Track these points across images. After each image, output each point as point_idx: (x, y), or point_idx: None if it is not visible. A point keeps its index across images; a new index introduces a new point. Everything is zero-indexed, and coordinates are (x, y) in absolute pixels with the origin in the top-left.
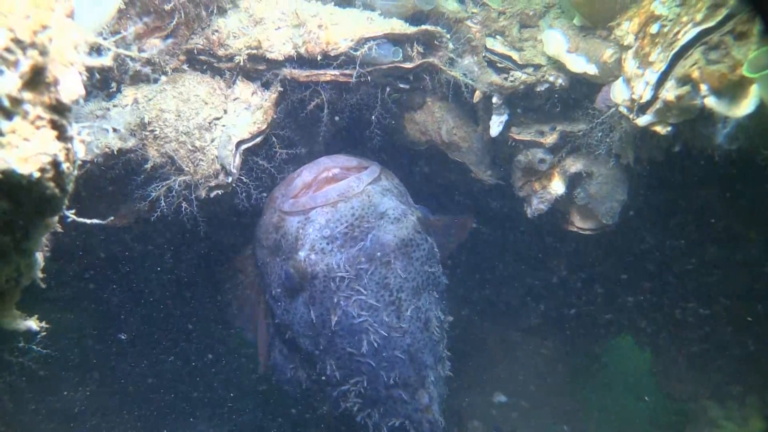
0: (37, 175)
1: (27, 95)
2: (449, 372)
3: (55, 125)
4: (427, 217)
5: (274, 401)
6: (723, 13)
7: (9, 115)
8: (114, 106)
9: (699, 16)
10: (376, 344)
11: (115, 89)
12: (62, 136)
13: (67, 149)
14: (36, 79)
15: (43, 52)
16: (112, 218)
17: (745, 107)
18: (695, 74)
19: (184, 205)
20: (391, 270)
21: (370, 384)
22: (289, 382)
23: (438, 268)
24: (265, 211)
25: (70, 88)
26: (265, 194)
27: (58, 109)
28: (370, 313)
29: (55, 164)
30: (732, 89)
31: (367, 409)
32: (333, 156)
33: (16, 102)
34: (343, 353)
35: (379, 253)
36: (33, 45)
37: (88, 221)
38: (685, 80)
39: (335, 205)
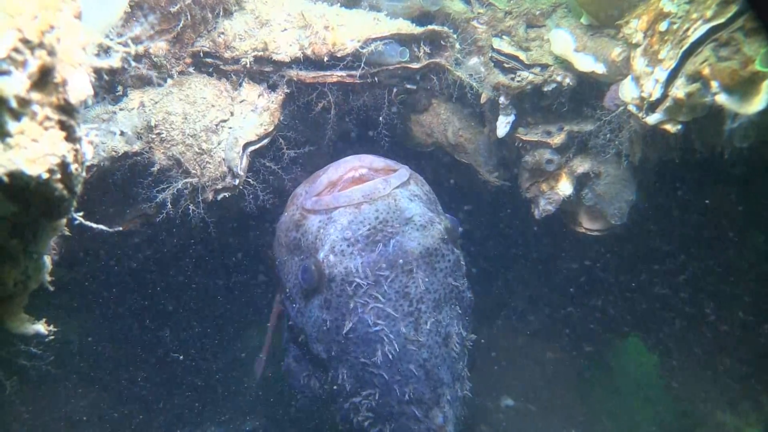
0: (45, 176)
1: (35, 96)
2: (468, 392)
3: (63, 126)
4: (456, 228)
5: (283, 410)
6: (733, 9)
7: (17, 115)
8: (120, 109)
9: (709, 13)
10: (390, 356)
11: (121, 93)
12: (70, 137)
13: (76, 150)
14: (44, 80)
15: (51, 53)
16: (120, 228)
17: (757, 104)
18: (706, 71)
19: (191, 207)
20: (413, 279)
21: (382, 398)
22: (301, 390)
23: (463, 282)
24: (287, 208)
25: (79, 88)
26: (272, 196)
27: (67, 109)
28: (387, 323)
29: (64, 165)
30: (743, 86)
31: (379, 425)
32: (361, 155)
33: (25, 103)
34: (355, 362)
35: (401, 260)
36: (41, 45)
37: (95, 225)
38: (695, 77)
39: (359, 206)
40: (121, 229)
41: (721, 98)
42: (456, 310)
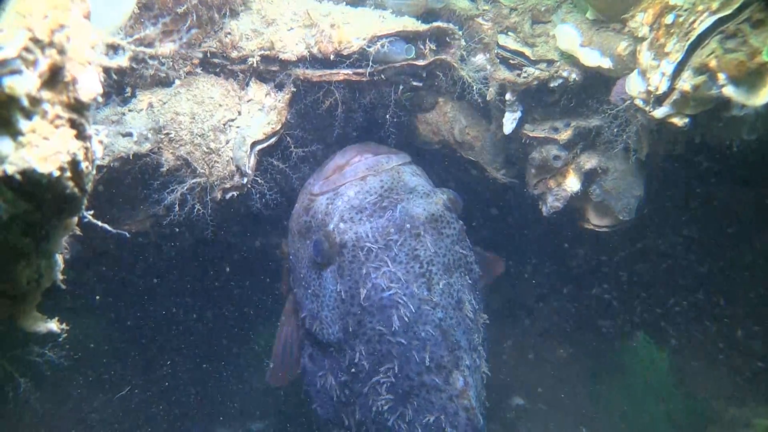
0: (56, 174)
1: (46, 94)
2: (486, 371)
3: (73, 124)
4: (458, 199)
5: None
6: (739, 1)
7: (28, 114)
8: (129, 110)
9: (715, 5)
10: (406, 319)
11: (130, 94)
12: (81, 135)
13: (86, 148)
14: (54, 79)
15: (62, 51)
16: (128, 228)
17: (764, 96)
18: (712, 63)
19: (198, 207)
20: (421, 242)
21: (401, 370)
22: (318, 395)
23: (471, 254)
24: (298, 199)
25: (88, 86)
26: (279, 195)
27: (77, 107)
28: (400, 285)
29: (74, 163)
30: (750, 78)
31: (400, 407)
32: (366, 142)
33: (36, 101)
34: (373, 334)
35: (408, 225)
36: (51, 44)
37: (99, 224)
38: (702, 70)
39: (364, 178)
40: (129, 229)
41: (729, 90)
42: (466, 280)
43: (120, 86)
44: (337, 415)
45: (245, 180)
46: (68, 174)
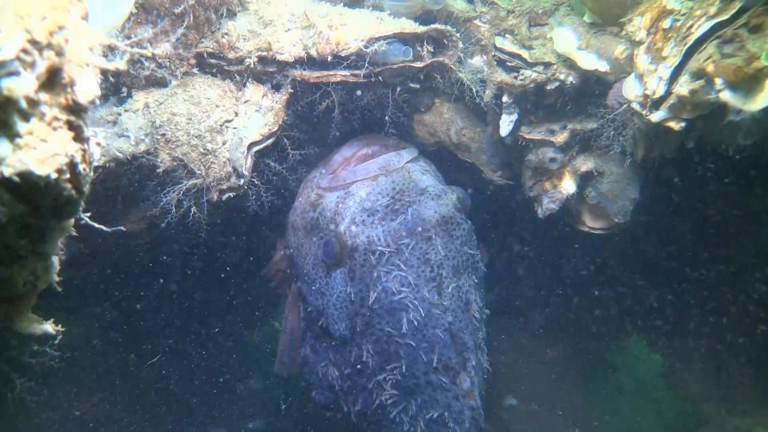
0: (54, 176)
1: (43, 96)
2: (487, 365)
3: (71, 126)
4: (467, 198)
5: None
6: (737, 5)
7: (26, 116)
8: (125, 111)
9: (713, 10)
10: (416, 322)
11: (125, 94)
12: (78, 137)
13: (84, 150)
14: (52, 80)
15: (59, 53)
16: (123, 228)
17: (761, 101)
18: (710, 68)
19: (193, 209)
20: (432, 246)
21: (408, 369)
22: (319, 383)
23: (477, 253)
24: (302, 193)
25: (86, 88)
26: (275, 197)
27: (75, 109)
28: (411, 290)
29: (72, 165)
30: (748, 83)
31: (403, 402)
32: (372, 134)
33: (33, 103)
34: (381, 335)
35: (419, 228)
36: (49, 46)
37: (96, 225)
38: (699, 74)
39: (375, 178)
40: (123, 229)
41: (726, 95)
42: (473, 279)
43: (116, 86)
44: (336, 402)
45: (242, 181)
46: (66, 176)
